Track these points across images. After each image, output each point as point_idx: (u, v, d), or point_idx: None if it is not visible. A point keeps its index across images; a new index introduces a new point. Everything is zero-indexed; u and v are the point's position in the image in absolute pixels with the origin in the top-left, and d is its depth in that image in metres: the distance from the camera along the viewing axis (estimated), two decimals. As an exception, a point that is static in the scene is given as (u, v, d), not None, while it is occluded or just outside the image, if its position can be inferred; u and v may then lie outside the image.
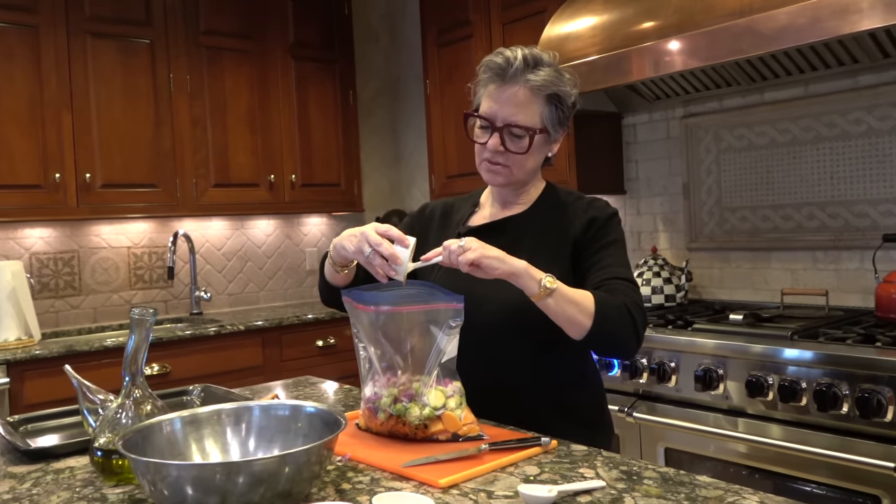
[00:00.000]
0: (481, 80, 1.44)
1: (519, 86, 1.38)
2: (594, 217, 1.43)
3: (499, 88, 1.39)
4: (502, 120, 1.38)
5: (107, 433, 1.18)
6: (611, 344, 1.34)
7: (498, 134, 1.39)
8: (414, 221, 1.63)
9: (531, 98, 1.38)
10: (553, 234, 1.44)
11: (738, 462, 2.11)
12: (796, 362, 2.00)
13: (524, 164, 1.43)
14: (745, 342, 2.11)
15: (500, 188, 1.51)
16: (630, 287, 1.36)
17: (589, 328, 1.27)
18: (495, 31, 3.22)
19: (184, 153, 3.30)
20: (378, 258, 1.25)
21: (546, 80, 1.38)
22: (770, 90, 2.68)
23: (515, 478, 1.10)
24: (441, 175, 3.60)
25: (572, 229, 1.43)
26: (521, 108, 1.38)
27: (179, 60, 3.27)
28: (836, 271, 2.57)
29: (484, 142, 1.41)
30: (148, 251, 3.48)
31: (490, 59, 1.41)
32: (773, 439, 2.03)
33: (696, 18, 2.24)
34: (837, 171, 2.54)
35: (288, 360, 3.27)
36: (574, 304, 1.26)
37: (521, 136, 1.39)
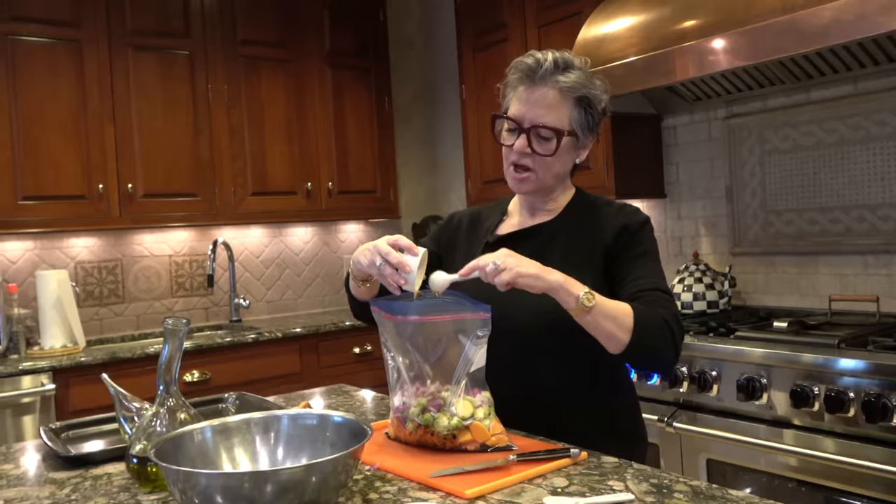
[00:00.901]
0: (510, 82, 1.42)
1: (548, 87, 1.35)
2: (626, 225, 1.39)
3: (528, 90, 1.37)
4: (530, 121, 1.36)
5: (142, 441, 1.19)
6: (649, 359, 1.31)
7: (525, 135, 1.37)
8: (441, 231, 1.61)
9: (560, 100, 1.36)
10: (584, 241, 1.41)
11: (783, 475, 2.03)
12: (843, 372, 1.92)
13: (551, 168, 1.40)
14: (790, 350, 2.04)
15: (528, 195, 1.48)
16: (667, 299, 1.33)
17: (627, 343, 1.24)
18: (531, 34, 3.20)
19: (222, 162, 3.34)
20: (388, 268, 1.24)
21: (577, 81, 1.36)
22: (817, 89, 2.59)
23: (543, 489, 1.07)
24: (477, 180, 3.58)
25: (603, 237, 1.40)
26: (549, 109, 1.36)
27: (217, 71, 3.33)
28: (888, 276, 2.47)
29: (511, 144, 1.39)
30: (189, 259, 3.54)
31: (520, 60, 1.39)
32: (819, 451, 1.95)
33: (736, 16, 2.18)
34: (889, 172, 2.44)
35: (325, 367, 3.28)
36: (612, 319, 1.23)
37: (549, 137, 1.36)
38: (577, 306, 1.21)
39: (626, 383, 1.46)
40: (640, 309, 1.26)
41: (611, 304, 1.24)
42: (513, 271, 1.18)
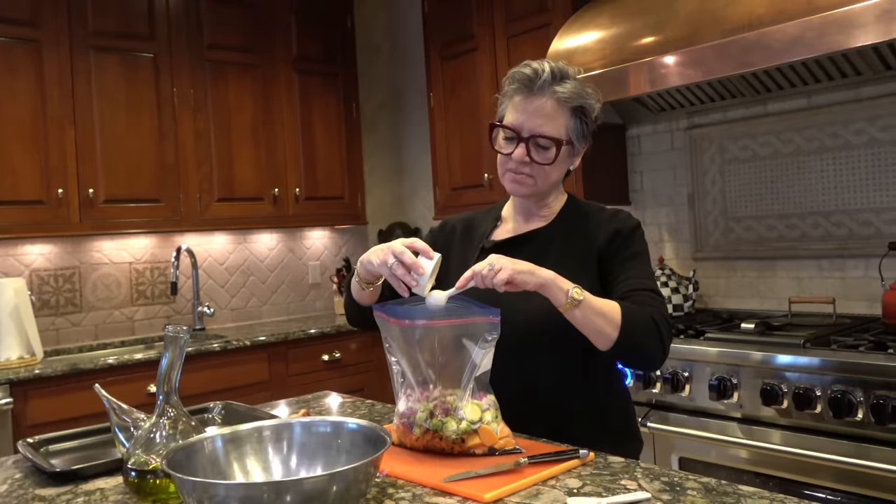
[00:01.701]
0: (507, 92, 1.44)
1: (546, 97, 1.39)
2: (618, 229, 1.44)
3: (525, 100, 1.40)
4: (529, 131, 1.39)
5: (140, 453, 1.17)
6: (637, 355, 1.35)
7: (524, 144, 1.40)
8: (436, 237, 1.63)
9: (558, 110, 1.39)
10: (578, 246, 1.45)
11: (754, 471, 2.12)
12: (810, 370, 2.01)
13: (549, 176, 1.44)
14: (759, 350, 2.13)
15: (523, 200, 1.51)
16: (655, 298, 1.37)
17: (616, 339, 1.28)
18: (500, 44, 3.25)
19: (187, 167, 3.29)
20: (401, 268, 1.26)
21: (573, 92, 1.40)
22: (773, 101, 2.72)
23: (558, 490, 1.10)
24: (445, 187, 3.61)
25: (597, 241, 1.44)
26: (547, 119, 1.39)
27: (183, 74, 3.27)
28: (841, 279, 2.60)
29: (509, 152, 1.42)
30: (150, 267, 3.46)
31: (517, 70, 1.42)
32: (788, 447, 2.04)
33: (704, 32, 2.27)
34: (841, 181, 2.57)
35: (294, 375, 3.25)
36: (601, 316, 1.27)
37: (548, 147, 1.40)
38: (566, 301, 1.25)
39: (618, 383, 1.51)
40: (628, 306, 1.30)
41: (599, 301, 1.28)
42: (508, 269, 1.22)
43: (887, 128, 2.45)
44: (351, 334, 3.46)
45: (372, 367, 3.54)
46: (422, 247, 1.28)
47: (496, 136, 1.46)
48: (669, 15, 2.38)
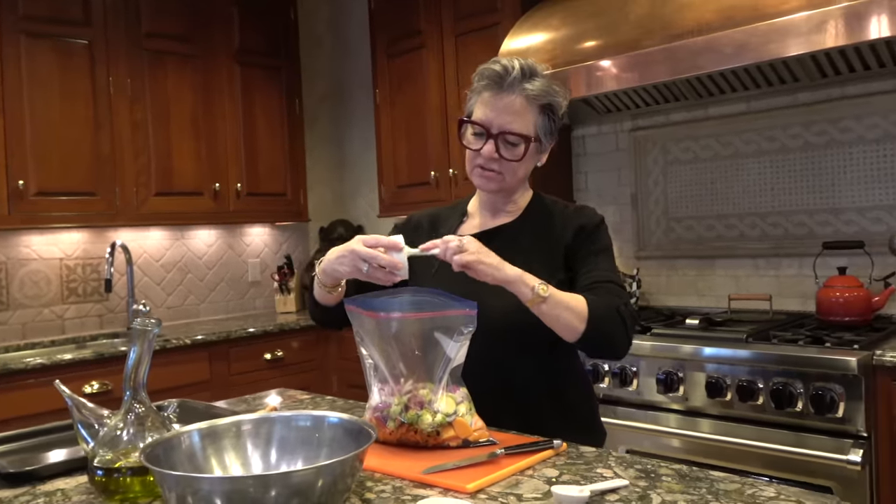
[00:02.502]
0: (476, 88, 1.45)
1: (515, 94, 1.40)
2: (583, 224, 1.47)
3: (495, 96, 1.41)
4: (498, 127, 1.40)
5: (106, 451, 1.12)
6: (603, 346, 1.38)
7: (493, 141, 1.40)
8: (402, 232, 1.61)
9: (526, 107, 1.41)
10: (545, 242, 1.47)
11: (698, 461, 2.19)
12: (753, 363, 2.10)
13: (517, 172, 1.45)
14: (703, 345, 2.21)
15: (490, 196, 1.52)
16: (619, 290, 1.41)
17: (583, 331, 1.30)
18: (447, 42, 3.25)
19: (124, 159, 3.16)
20: (379, 271, 1.26)
21: (542, 90, 1.41)
22: (715, 105, 2.82)
23: (537, 480, 1.11)
24: (391, 185, 3.59)
25: (563, 237, 1.46)
26: (516, 116, 1.40)
27: (120, 63, 3.14)
28: (776, 277, 2.72)
29: (478, 148, 1.42)
30: (82, 263, 3.31)
31: (487, 66, 1.43)
32: (732, 437, 2.12)
33: (654, 35, 2.33)
34: (777, 183, 2.69)
35: (236, 374, 3.17)
36: (568, 309, 1.29)
37: (516, 143, 1.41)
38: (532, 297, 1.27)
39: (583, 376, 1.54)
40: (593, 299, 1.33)
41: (565, 295, 1.31)
42: (473, 255, 1.23)
43: (821, 133, 2.58)
44: (294, 333, 3.40)
45: (315, 365, 3.49)
46: (387, 242, 1.28)
47: (465, 132, 1.47)
48: (620, 18, 2.44)
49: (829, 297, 2.37)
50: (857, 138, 2.50)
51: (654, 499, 1.02)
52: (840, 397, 1.96)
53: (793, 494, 1.01)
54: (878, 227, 2.47)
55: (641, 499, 1.02)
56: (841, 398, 1.96)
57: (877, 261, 2.41)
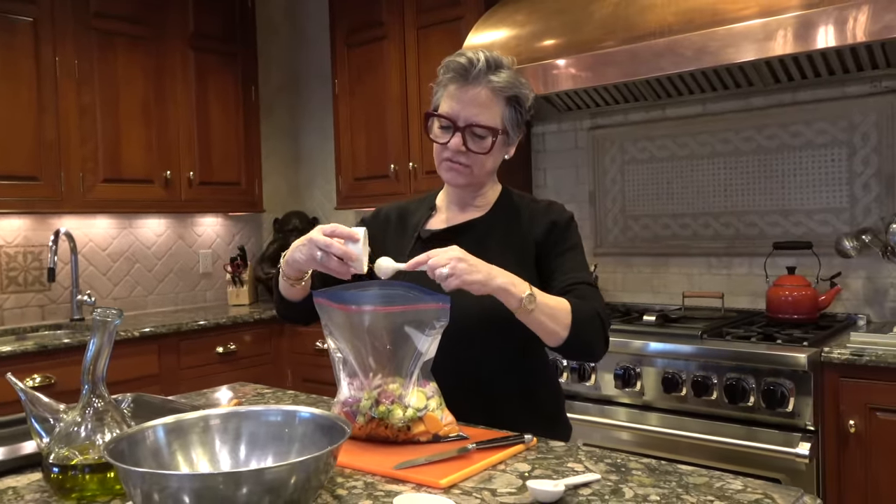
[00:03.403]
0: (442, 81, 1.43)
1: (481, 87, 1.38)
2: (555, 221, 1.46)
3: (461, 89, 1.39)
4: (465, 120, 1.39)
5: (62, 447, 1.08)
6: (583, 351, 1.38)
7: (460, 134, 1.39)
8: (369, 226, 1.59)
9: (493, 99, 1.39)
10: (515, 238, 1.47)
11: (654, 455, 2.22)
12: (707, 359, 2.15)
13: (485, 165, 1.44)
14: (660, 341, 2.25)
15: (458, 190, 1.51)
16: (595, 292, 1.42)
17: (565, 338, 1.30)
18: (409, 34, 3.23)
19: (70, 144, 3.04)
20: (333, 260, 1.24)
21: (508, 82, 1.40)
22: (671, 107, 2.87)
23: (510, 475, 1.11)
24: (349, 177, 3.55)
25: (534, 233, 1.46)
26: (483, 108, 1.39)
27: (67, 43, 3.02)
28: (728, 276, 2.79)
29: (445, 141, 1.41)
30: (23, 251, 3.17)
31: (452, 59, 1.41)
32: (685, 431, 2.17)
33: (617, 35, 2.36)
34: (730, 185, 2.76)
35: (186, 368, 3.09)
36: (552, 318, 1.29)
37: (484, 136, 1.40)
38: (519, 307, 1.25)
39: (550, 370, 1.54)
40: (577, 305, 1.33)
41: (551, 302, 1.30)
42: (461, 278, 1.20)
43: (772, 136, 2.65)
44: (247, 326, 3.33)
45: (269, 359, 3.43)
46: (344, 232, 1.26)
47: (431, 126, 1.45)
48: (585, 17, 2.46)
49: (779, 295, 2.44)
50: (807, 143, 2.58)
51: (626, 492, 1.03)
52: (790, 392, 2.02)
53: (759, 487, 1.03)
54: (824, 229, 2.56)
55: (614, 492, 1.03)
56: (791, 393, 2.02)
57: (823, 261, 2.49)
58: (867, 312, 2.48)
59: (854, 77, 2.42)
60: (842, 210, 2.52)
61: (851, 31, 1.99)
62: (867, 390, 1.95)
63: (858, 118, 2.47)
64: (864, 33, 1.96)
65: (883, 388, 1.93)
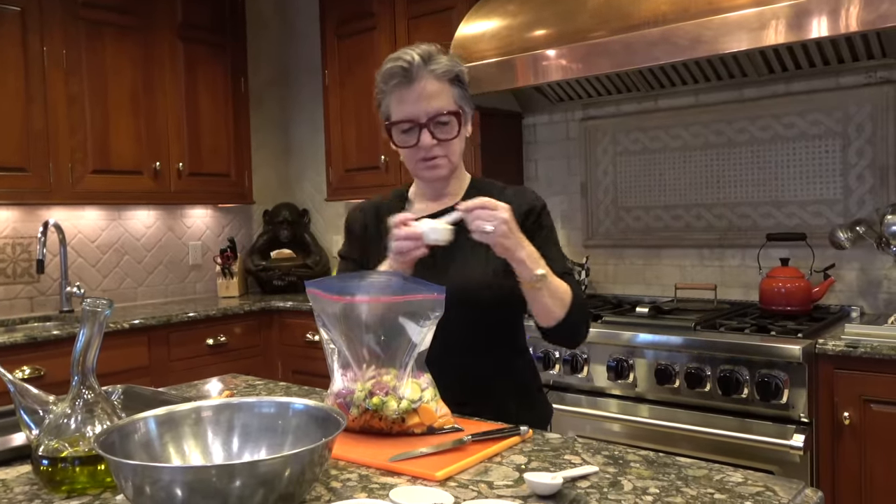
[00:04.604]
0: (386, 90, 1.44)
1: (425, 79, 1.41)
2: (531, 207, 1.50)
3: (407, 90, 1.41)
4: (425, 115, 1.41)
5: (52, 439, 1.06)
6: (572, 333, 1.43)
7: (426, 129, 1.41)
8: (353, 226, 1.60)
9: (440, 85, 1.42)
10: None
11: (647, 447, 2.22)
12: (701, 351, 2.15)
13: (457, 149, 1.47)
14: (653, 333, 2.24)
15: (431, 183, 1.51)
16: (577, 282, 1.46)
17: (561, 319, 1.36)
18: (400, 25, 3.20)
19: (58, 134, 3.00)
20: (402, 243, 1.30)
21: (446, 65, 1.43)
22: (664, 98, 2.86)
23: (506, 467, 1.10)
24: (339, 169, 3.53)
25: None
26: (436, 97, 1.41)
27: (55, 33, 2.97)
28: (720, 267, 2.79)
29: (414, 143, 1.43)
30: (12, 242, 3.13)
31: (389, 67, 1.42)
32: (679, 423, 2.17)
33: (611, 24, 2.34)
34: (723, 176, 2.76)
35: (176, 360, 3.06)
36: (555, 297, 1.35)
37: (447, 121, 1.42)
38: (529, 280, 1.31)
39: (522, 339, 1.57)
40: (575, 290, 1.39)
41: (556, 281, 1.36)
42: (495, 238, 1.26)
43: (766, 128, 2.64)
44: (237, 318, 3.31)
45: (259, 351, 3.40)
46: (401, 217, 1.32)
47: (395, 136, 1.46)
48: (577, 6, 2.44)
49: (772, 287, 2.44)
50: (801, 134, 2.58)
51: (625, 485, 1.02)
52: (784, 384, 2.02)
53: (759, 479, 1.03)
54: (818, 221, 2.55)
55: (613, 485, 1.02)
56: (785, 385, 2.02)
57: (817, 253, 2.49)
58: (861, 304, 2.49)
59: (849, 67, 2.42)
60: (835, 201, 2.52)
61: (846, 20, 1.98)
62: (861, 382, 1.95)
63: (853, 109, 2.47)
64: (858, 22, 1.95)
65: (877, 379, 1.93)
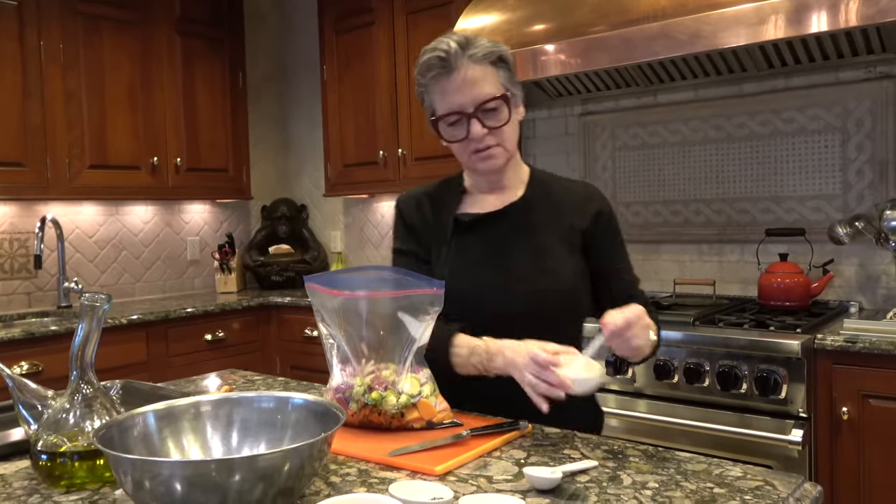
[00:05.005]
0: (426, 84, 1.38)
1: (466, 67, 1.34)
2: (600, 210, 1.43)
3: (450, 80, 1.34)
4: (472, 104, 1.33)
5: (50, 434, 1.06)
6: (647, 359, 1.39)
7: (475, 119, 1.34)
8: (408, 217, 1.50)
9: (483, 69, 1.35)
10: (558, 223, 1.42)
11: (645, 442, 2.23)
12: (700, 346, 2.14)
13: (511, 135, 1.39)
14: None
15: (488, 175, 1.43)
16: (647, 299, 1.46)
17: (648, 354, 1.33)
18: (399, 20, 3.19)
19: (56, 130, 2.99)
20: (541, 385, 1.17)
21: (486, 48, 1.36)
22: (663, 93, 2.85)
23: (506, 462, 1.10)
24: (337, 164, 3.52)
25: (579, 220, 1.42)
26: (479, 83, 1.34)
27: (52, 27, 2.96)
28: (719, 262, 2.79)
29: (464, 136, 1.35)
30: (9, 237, 3.13)
31: (426, 59, 1.36)
32: (677, 419, 2.16)
33: (610, 19, 2.34)
34: (722, 171, 2.75)
35: (175, 355, 3.06)
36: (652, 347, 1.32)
37: (496, 107, 1.35)
38: (648, 346, 1.28)
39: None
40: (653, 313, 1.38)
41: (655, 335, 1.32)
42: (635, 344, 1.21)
43: (765, 123, 2.64)
44: (235, 313, 3.31)
45: (257, 346, 3.40)
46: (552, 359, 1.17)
47: (442, 131, 1.39)
48: (576, 1, 2.43)
49: (771, 282, 2.44)
50: (800, 129, 2.57)
51: (624, 479, 1.02)
52: (783, 379, 2.02)
53: (759, 474, 1.03)
54: (817, 216, 2.55)
55: (612, 479, 1.02)
56: (784, 380, 2.02)
57: (816, 248, 2.49)
58: (859, 299, 2.49)
59: (848, 62, 2.41)
60: (835, 197, 2.52)
61: (845, 14, 1.97)
62: (860, 377, 1.95)
63: (853, 104, 2.47)
64: (858, 17, 1.94)
65: (876, 374, 1.93)
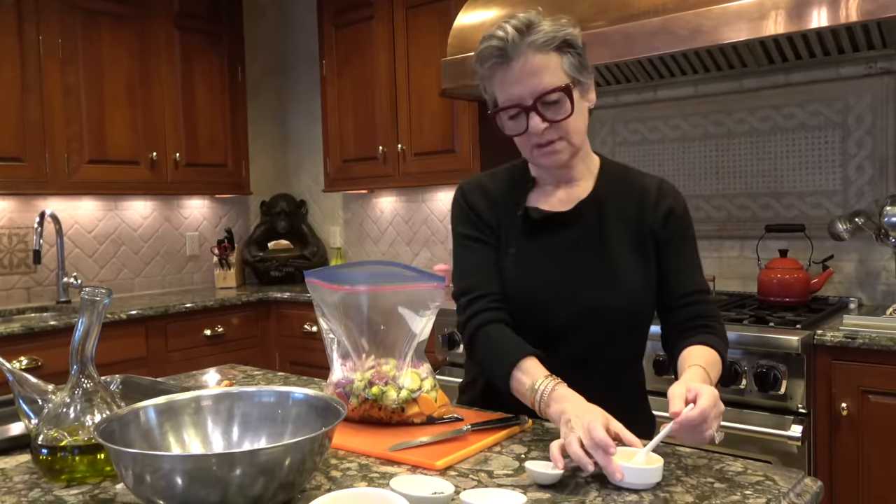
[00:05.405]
0: (484, 74, 1.29)
1: (525, 55, 1.23)
2: (672, 208, 1.34)
3: (508, 69, 1.25)
4: (530, 96, 1.24)
5: (51, 428, 1.06)
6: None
7: (534, 112, 1.25)
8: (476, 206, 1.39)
9: (544, 58, 1.23)
10: (632, 221, 1.34)
11: (645, 437, 2.23)
12: (700, 342, 2.14)
13: (577, 128, 1.28)
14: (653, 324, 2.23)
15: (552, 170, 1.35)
16: (711, 299, 1.38)
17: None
18: (398, 14, 3.18)
19: (54, 124, 2.98)
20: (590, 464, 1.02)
21: (549, 33, 1.23)
22: (663, 88, 2.85)
23: (506, 456, 1.10)
24: (337, 159, 3.51)
25: (651, 219, 1.34)
26: (539, 72, 1.23)
27: (51, 22, 2.95)
28: (719, 258, 2.79)
29: (524, 129, 1.27)
30: (8, 232, 3.12)
31: (483, 48, 1.26)
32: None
33: (610, 14, 2.33)
34: (723, 167, 2.75)
35: (174, 350, 3.06)
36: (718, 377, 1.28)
37: (557, 99, 1.24)
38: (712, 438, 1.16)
39: (641, 374, 1.53)
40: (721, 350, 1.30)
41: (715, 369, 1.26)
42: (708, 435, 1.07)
43: (765, 118, 2.64)
44: (235, 309, 3.30)
45: (256, 342, 3.40)
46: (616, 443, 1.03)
47: (502, 123, 1.31)
48: (578, -4, 2.43)
49: (771, 278, 2.44)
50: (800, 125, 2.57)
51: (624, 474, 1.01)
52: (782, 375, 2.02)
53: (759, 469, 1.03)
54: (817, 212, 2.55)
55: (612, 474, 1.01)
56: (783, 376, 2.02)
57: (816, 244, 2.49)
58: (859, 295, 2.49)
59: (849, 58, 2.41)
60: (835, 192, 2.52)
61: (846, 10, 1.97)
62: (859, 373, 1.95)
63: (853, 100, 2.46)
64: (859, 13, 1.94)
65: (875, 370, 1.93)
